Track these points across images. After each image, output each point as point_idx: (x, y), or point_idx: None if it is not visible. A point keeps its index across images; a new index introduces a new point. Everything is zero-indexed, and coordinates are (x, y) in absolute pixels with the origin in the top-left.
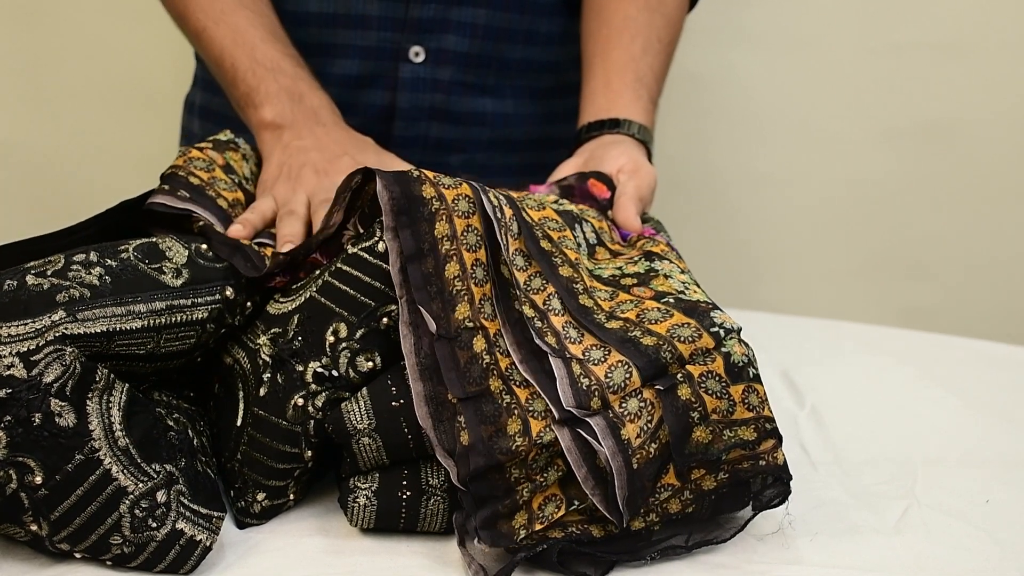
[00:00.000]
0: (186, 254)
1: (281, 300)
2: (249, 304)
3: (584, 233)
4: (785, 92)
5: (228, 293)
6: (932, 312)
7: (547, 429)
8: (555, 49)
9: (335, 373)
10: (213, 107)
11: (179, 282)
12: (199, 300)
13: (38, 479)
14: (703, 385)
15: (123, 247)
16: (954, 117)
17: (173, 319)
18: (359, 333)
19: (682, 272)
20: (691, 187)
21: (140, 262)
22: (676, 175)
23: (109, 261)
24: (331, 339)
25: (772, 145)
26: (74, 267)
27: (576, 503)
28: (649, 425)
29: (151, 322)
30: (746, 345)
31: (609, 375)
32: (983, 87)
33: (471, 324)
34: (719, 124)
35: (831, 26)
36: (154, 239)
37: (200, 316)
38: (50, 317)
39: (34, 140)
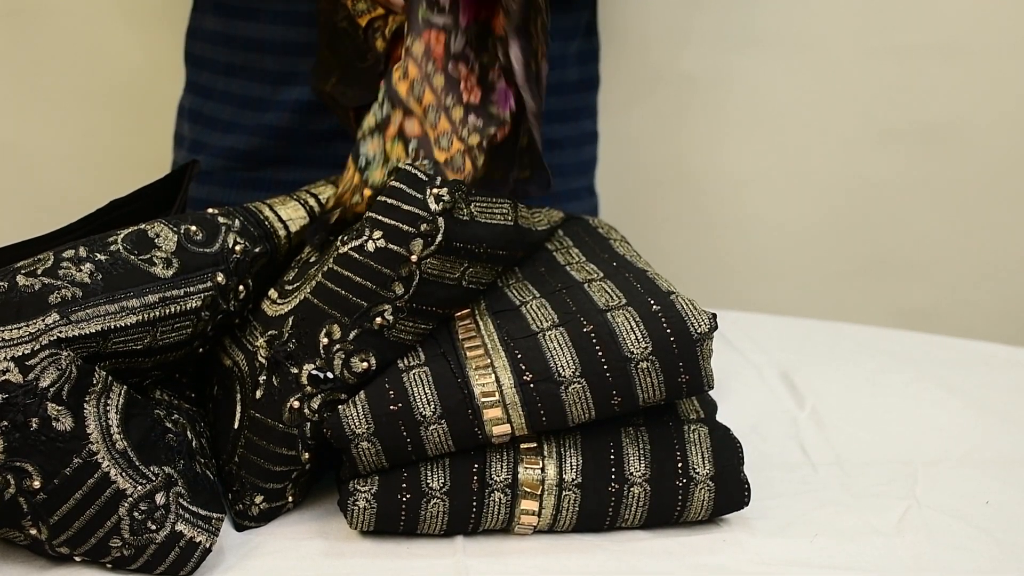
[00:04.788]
0: (175, 240)
1: (278, 301)
2: (242, 288)
3: None
4: (784, 93)
5: (219, 279)
6: (932, 313)
7: None
8: None
9: (330, 375)
10: (205, 111)
11: (170, 272)
12: (191, 289)
13: (36, 483)
14: None
15: (111, 238)
16: (953, 118)
17: (167, 311)
18: (352, 334)
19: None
20: (691, 188)
21: (130, 254)
22: (675, 176)
23: (99, 256)
24: (324, 341)
25: (772, 146)
26: (64, 265)
27: None
28: None
29: (145, 316)
30: None
31: None
32: (983, 88)
33: None
34: (717, 125)
35: (830, 27)
36: (142, 226)
37: (194, 305)
38: (43, 320)
39: (28, 142)
